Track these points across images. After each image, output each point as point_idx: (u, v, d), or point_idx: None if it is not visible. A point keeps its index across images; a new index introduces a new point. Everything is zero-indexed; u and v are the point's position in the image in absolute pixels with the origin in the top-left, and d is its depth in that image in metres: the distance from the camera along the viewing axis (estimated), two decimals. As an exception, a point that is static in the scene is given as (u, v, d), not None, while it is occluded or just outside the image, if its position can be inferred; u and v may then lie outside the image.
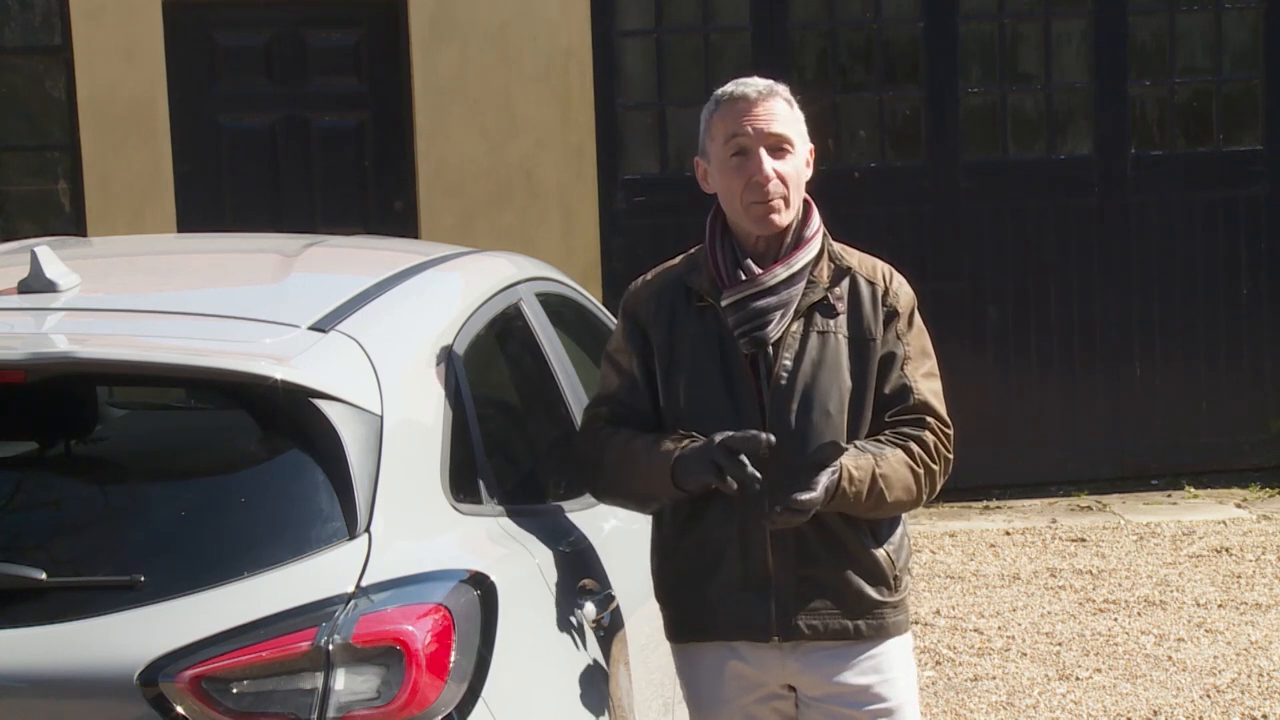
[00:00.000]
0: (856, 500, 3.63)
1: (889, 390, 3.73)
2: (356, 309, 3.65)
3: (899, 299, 3.78)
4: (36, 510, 3.35)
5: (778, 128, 3.69)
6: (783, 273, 3.71)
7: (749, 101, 3.70)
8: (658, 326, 3.78)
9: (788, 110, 3.73)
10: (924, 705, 6.47)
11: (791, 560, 3.70)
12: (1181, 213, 9.99)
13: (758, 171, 3.67)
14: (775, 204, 3.69)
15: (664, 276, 3.85)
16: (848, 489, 3.60)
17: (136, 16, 9.08)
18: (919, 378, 3.75)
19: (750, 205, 3.69)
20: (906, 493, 3.71)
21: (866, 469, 3.64)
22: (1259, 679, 6.68)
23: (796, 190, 3.72)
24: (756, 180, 3.67)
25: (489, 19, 9.39)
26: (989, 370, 9.80)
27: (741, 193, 3.69)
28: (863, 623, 3.75)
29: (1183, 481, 9.90)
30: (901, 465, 3.70)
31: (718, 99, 3.74)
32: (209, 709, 3.02)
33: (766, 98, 3.70)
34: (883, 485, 3.65)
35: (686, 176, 9.62)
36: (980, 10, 9.90)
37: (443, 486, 3.46)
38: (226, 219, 9.24)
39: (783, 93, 3.74)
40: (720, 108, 3.73)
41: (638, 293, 3.85)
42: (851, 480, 3.61)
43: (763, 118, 3.69)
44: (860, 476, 3.62)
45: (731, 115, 3.70)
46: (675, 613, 3.86)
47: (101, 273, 4.25)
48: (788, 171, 3.69)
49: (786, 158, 3.70)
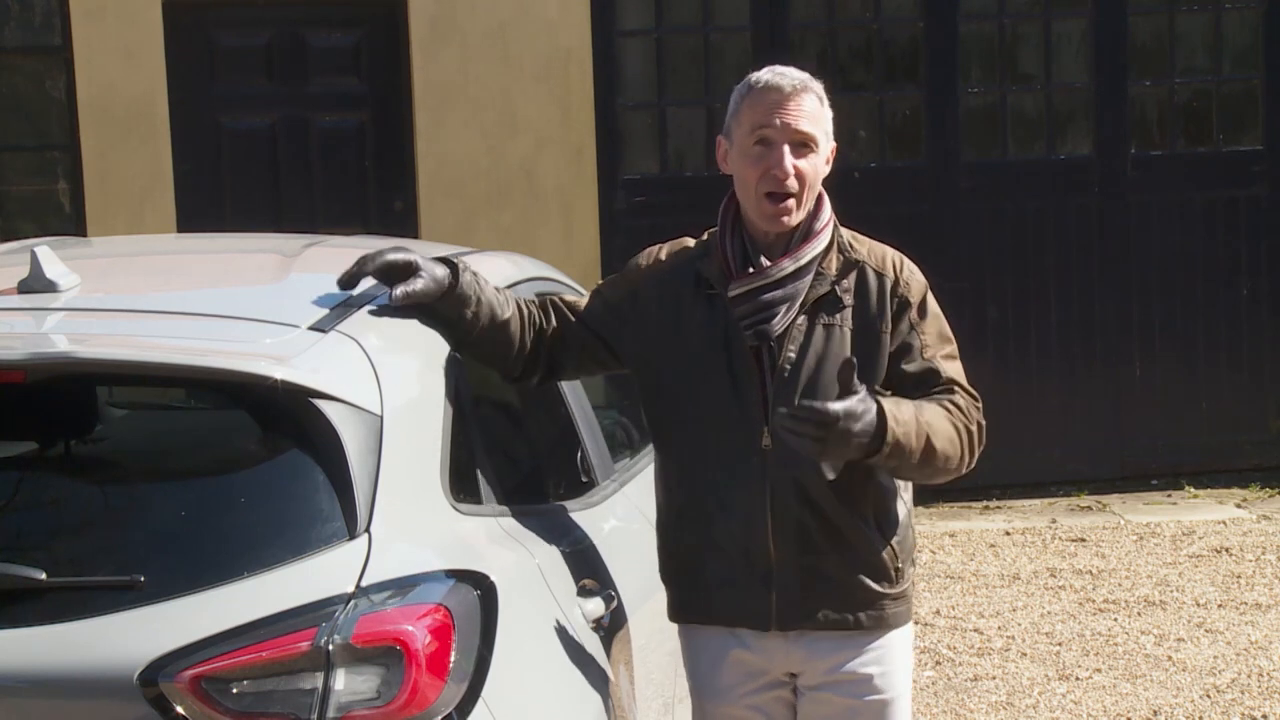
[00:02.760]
0: (906, 445, 3.55)
1: (913, 375, 3.71)
2: (356, 309, 3.65)
3: (910, 288, 3.77)
4: (36, 510, 3.34)
5: (805, 125, 3.70)
6: (790, 266, 3.72)
7: (782, 94, 3.70)
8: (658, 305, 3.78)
9: (818, 107, 3.74)
10: (924, 705, 6.47)
11: (793, 550, 3.70)
12: (1181, 213, 9.99)
13: (777, 166, 3.68)
14: (788, 204, 3.70)
15: (678, 257, 3.85)
16: (895, 429, 3.52)
17: (136, 16, 9.08)
18: (940, 359, 3.75)
19: (763, 198, 3.70)
20: (951, 445, 3.65)
21: (910, 414, 3.58)
22: (1259, 679, 6.68)
23: (811, 190, 3.73)
24: (774, 174, 3.68)
25: (489, 19, 9.39)
26: (989, 370, 9.74)
27: (756, 182, 3.70)
28: (864, 614, 3.76)
29: (1183, 481, 9.90)
30: (941, 417, 3.65)
31: (751, 84, 3.74)
32: (209, 709, 3.02)
33: (800, 92, 3.71)
34: (929, 431, 3.59)
35: (686, 176, 9.77)
36: (980, 10, 9.90)
37: (442, 486, 3.46)
38: (226, 219, 9.24)
39: (816, 89, 3.76)
40: (752, 94, 3.73)
41: (649, 267, 3.84)
42: (898, 421, 3.53)
43: (792, 112, 3.70)
44: (905, 419, 3.55)
45: (762, 105, 3.71)
46: (677, 594, 3.87)
47: (101, 273, 4.25)
48: (806, 170, 3.71)
49: (808, 156, 3.71)
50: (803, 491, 3.68)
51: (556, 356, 3.85)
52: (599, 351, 3.86)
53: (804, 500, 3.69)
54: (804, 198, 3.72)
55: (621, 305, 3.83)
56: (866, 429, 3.50)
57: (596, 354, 3.87)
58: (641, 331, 3.80)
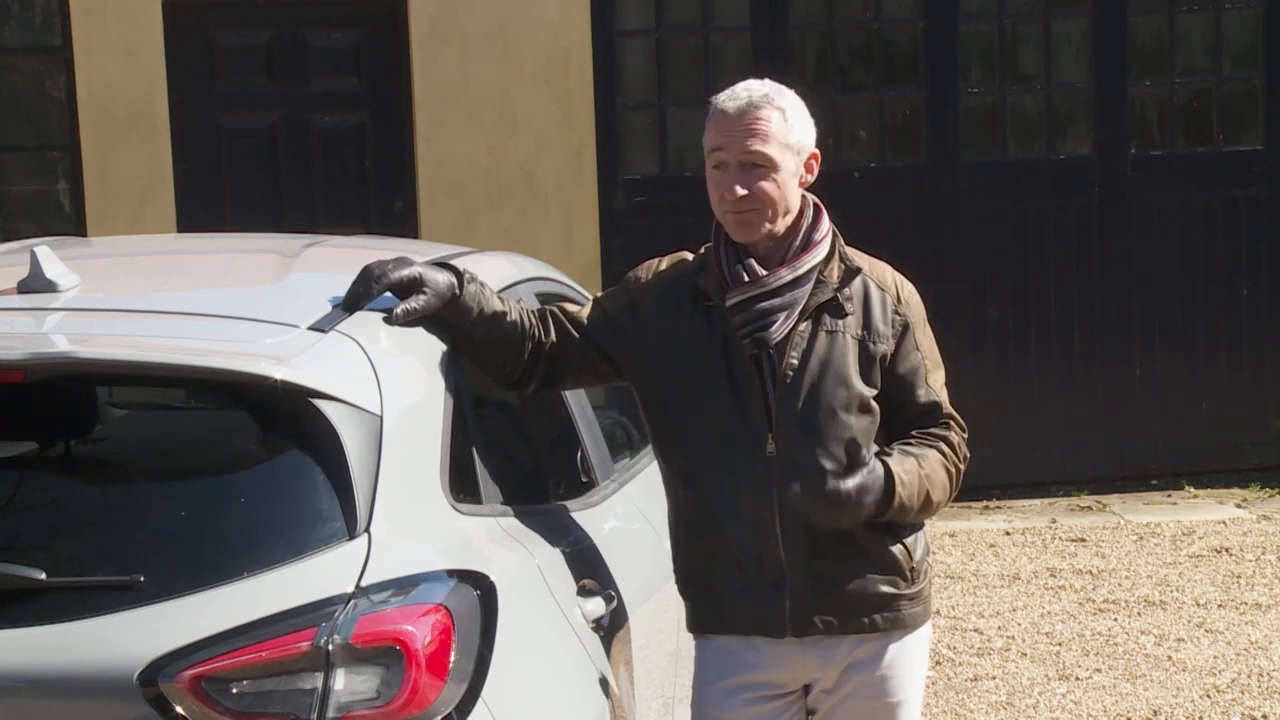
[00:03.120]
0: (910, 503, 3.69)
1: (919, 405, 3.80)
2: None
3: (910, 308, 3.82)
4: (36, 510, 3.35)
5: (756, 145, 3.68)
6: (788, 275, 3.73)
7: (730, 117, 3.70)
8: (658, 318, 3.78)
9: (779, 123, 3.70)
10: (924, 705, 6.47)
11: (804, 556, 3.70)
12: (1181, 213, 9.99)
13: (728, 189, 3.70)
14: (747, 217, 3.71)
15: (677, 269, 3.86)
16: (901, 492, 3.65)
17: (136, 16, 9.08)
18: (939, 389, 3.83)
19: (725, 215, 3.74)
20: (944, 491, 3.80)
21: (913, 472, 3.70)
22: (1259, 679, 6.68)
23: (779, 203, 3.72)
24: (727, 197, 3.70)
25: (489, 19, 9.39)
26: (989, 370, 9.79)
27: (718, 203, 3.74)
28: (879, 615, 3.77)
29: (1183, 481, 9.90)
30: (938, 465, 3.78)
31: (713, 106, 3.76)
32: (209, 709, 3.02)
33: (755, 109, 3.69)
34: (928, 486, 3.73)
35: (686, 176, 9.76)
36: (980, 10, 9.90)
37: (442, 486, 3.46)
38: (226, 219, 9.24)
39: (779, 101, 3.71)
40: (710, 116, 3.76)
41: (648, 280, 3.85)
42: (904, 484, 3.66)
43: (741, 135, 3.69)
44: (909, 480, 3.69)
45: (717, 128, 3.73)
46: (693, 606, 3.87)
47: (101, 273, 4.25)
48: (765, 189, 3.69)
49: (765, 176, 3.69)
50: None
51: (555, 367, 3.84)
52: (598, 364, 3.86)
53: None
54: (770, 212, 3.72)
55: (621, 318, 3.83)
56: (876, 497, 3.63)
57: (596, 367, 3.86)
58: (641, 344, 3.80)
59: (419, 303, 3.62)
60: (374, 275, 3.63)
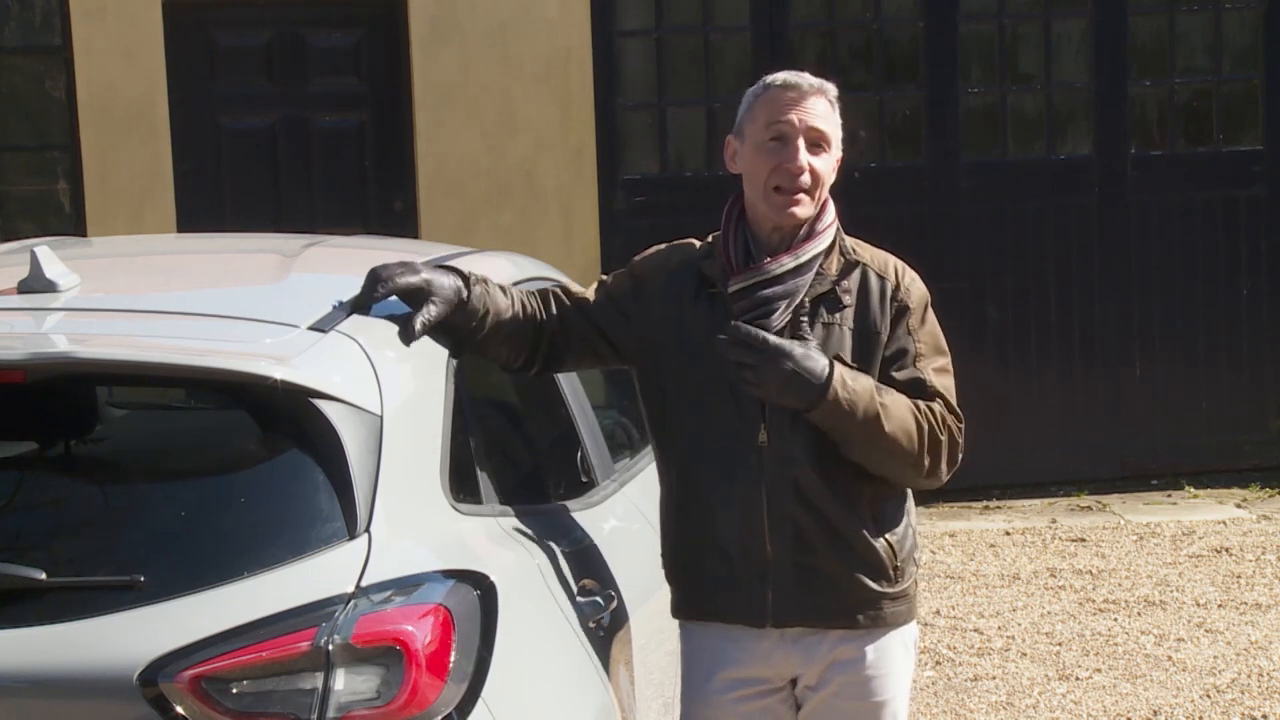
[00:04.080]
0: (850, 411, 3.60)
1: (901, 383, 3.73)
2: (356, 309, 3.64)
3: (910, 295, 3.80)
4: (36, 510, 3.35)
5: (820, 123, 3.76)
6: (790, 263, 3.74)
7: (799, 92, 3.76)
8: (662, 303, 3.80)
9: (830, 111, 3.81)
10: (924, 705, 6.47)
11: (789, 548, 3.71)
12: (1181, 213, 9.99)
13: (791, 160, 3.72)
14: (799, 197, 3.73)
15: (683, 255, 3.88)
16: (839, 391, 3.59)
17: (136, 16, 9.08)
18: (931, 371, 3.77)
19: (773, 191, 3.73)
20: (907, 436, 3.67)
21: (866, 390, 3.63)
22: (1259, 679, 6.68)
23: (822, 188, 3.78)
24: (788, 167, 3.72)
25: (489, 19, 9.39)
26: (989, 370, 9.79)
27: (768, 176, 3.73)
28: (861, 614, 3.76)
29: (1183, 481, 9.90)
30: (905, 409, 3.69)
31: (767, 84, 3.79)
32: (209, 709, 3.02)
33: (815, 93, 3.78)
34: (880, 411, 3.63)
35: (687, 176, 9.77)
36: (980, 10, 9.90)
37: (442, 486, 3.46)
38: (226, 219, 9.24)
39: (830, 94, 3.81)
40: (768, 92, 3.78)
41: (654, 265, 3.87)
42: (845, 386, 3.60)
43: (809, 110, 3.76)
44: (857, 390, 3.62)
45: (779, 102, 3.75)
46: (678, 591, 3.89)
47: (101, 273, 4.25)
48: (820, 167, 3.76)
49: (822, 154, 3.76)
50: (799, 490, 3.69)
51: (556, 348, 3.86)
52: (599, 345, 3.87)
53: (800, 499, 3.70)
54: (816, 195, 3.76)
55: (624, 300, 3.84)
56: (805, 375, 3.57)
57: (597, 347, 3.88)
58: (643, 327, 3.81)
59: (431, 314, 3.62)
60: (380, 278, 3.64)
